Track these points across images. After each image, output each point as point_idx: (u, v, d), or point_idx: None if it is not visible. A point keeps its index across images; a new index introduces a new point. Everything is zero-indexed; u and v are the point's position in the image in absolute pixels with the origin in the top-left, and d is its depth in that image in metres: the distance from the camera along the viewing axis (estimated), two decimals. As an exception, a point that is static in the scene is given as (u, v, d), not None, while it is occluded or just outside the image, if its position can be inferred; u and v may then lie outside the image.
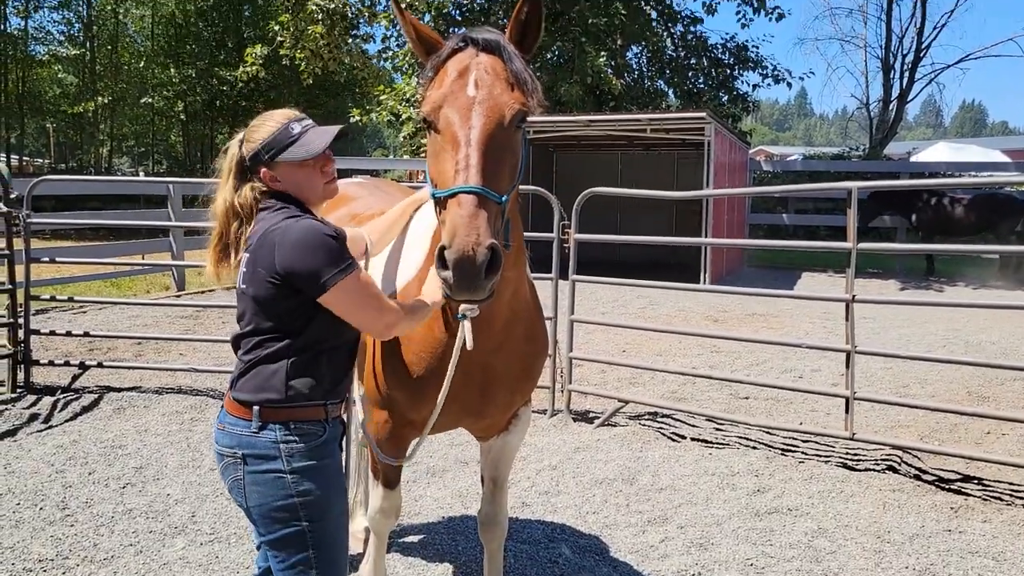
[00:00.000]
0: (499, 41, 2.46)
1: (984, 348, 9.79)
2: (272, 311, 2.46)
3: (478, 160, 2.24)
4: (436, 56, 2.50)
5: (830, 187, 6.48)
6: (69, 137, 42.81)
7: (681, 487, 5.34)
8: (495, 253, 2.14)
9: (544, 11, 2.59)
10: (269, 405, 2.46)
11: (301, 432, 2.48)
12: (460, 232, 2.12)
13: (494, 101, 2.35)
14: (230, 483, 2.53)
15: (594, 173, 18.28)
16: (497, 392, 2.99)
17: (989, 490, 5.36)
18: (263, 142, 2.55)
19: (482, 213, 2.16)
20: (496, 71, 2.41)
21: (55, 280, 11.90)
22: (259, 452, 2.45)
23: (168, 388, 7.39)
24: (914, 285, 16.11)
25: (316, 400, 2.52)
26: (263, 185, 2.59)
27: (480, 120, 2.30)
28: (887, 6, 32.06)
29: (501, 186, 2.29)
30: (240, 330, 2.56)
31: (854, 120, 45.02)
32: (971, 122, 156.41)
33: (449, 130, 2.33)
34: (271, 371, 2.47)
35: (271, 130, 2.56)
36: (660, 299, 13.17)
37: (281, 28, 22.46)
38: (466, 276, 2.12)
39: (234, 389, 2.54)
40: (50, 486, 5.11)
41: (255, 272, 2.46)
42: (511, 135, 2.38)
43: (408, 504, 4.81)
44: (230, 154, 2.65)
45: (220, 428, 2.55)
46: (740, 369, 8.59)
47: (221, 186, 2.64)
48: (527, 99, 2.42)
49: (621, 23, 20.97)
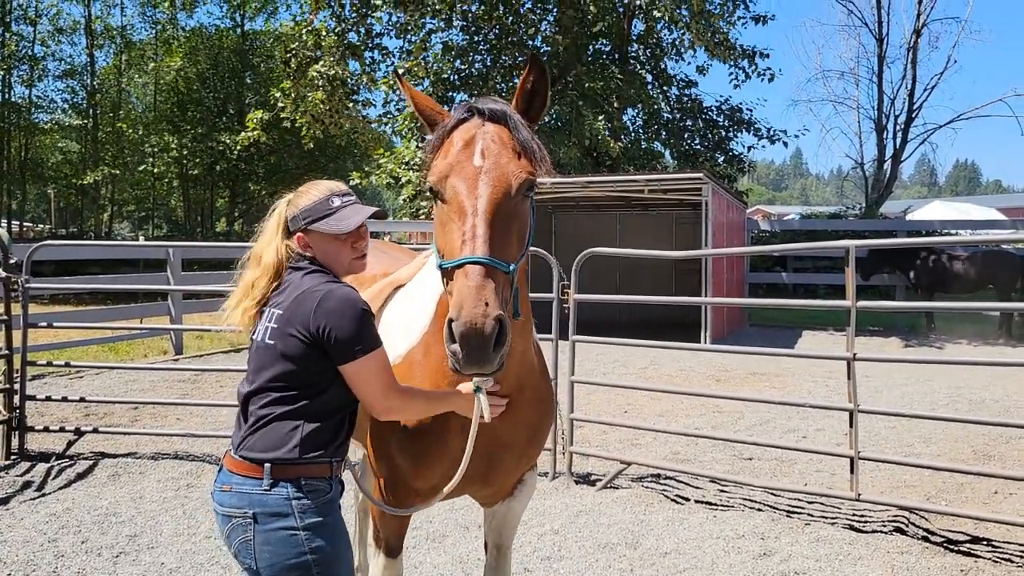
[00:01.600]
0: (505, 110, 2.46)
1: (988, 406, 9.71)
2: (296, 369, 2.50)
3: (485, 230, 2.23)
4: (442, 126, 2.50)
5: (828, 246, 6.49)
6: (70, 203, 43.14)
7: (686, 551, 5.24)
8: (503, 324, 2.11)
9: (550, 80, 2.61)
10: (281, 463, 2.46)
11: (311, 489, 2.49)
12: (467, 304, 2.10)
13: (501, 170, 2.34)
14: (237, 545, 2.49)
15: (593, 234, 18.38)
16: (504, 459, 2.93)
17: (999, 551, 5.26)
18: (303, 208, 2.67)
19: (489, 284, 2.14)
20: (502, 140, 2.41)
21: (53, 345, 11.86)
22: (271, 510, 2.44)
23: (164, 454, 7.31)
24: (915, 343, 16.07)
25: (324, 459, 2.53)
26: (297, 246, 2.69)
27: (487, 190, 2.30)
28: (878, 68, 32.59)
29: (509, 255, 2.28)
30: (255, 385, 2.56)
31: (849, 179, 45.36)
32: (965, 180, 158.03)
33: (456, 200, 2.32)
34: (287, 429, 2.49)
35: (313, 199, 2.68)
36: (661, 359, 13.13)
37: (282, 94, 22.82)
38: (474, 349, 2.09)
39: (242, 448, 2.52)
40: (42, 555, 5.01)
41: (286, 328, 2.51)
42: (519, 204, 2.37)
43: (408, 571, 4.71)
44: (278, 212, 2.76)
45: (225, 490, 2.52)
46: (743, 429, 8.51)
47: (268, 241, 2.73)
48: (534, 167, 2.41)
49: (617, 87, 21.31)
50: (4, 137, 35.84)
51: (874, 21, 32.55)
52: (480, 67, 23.47)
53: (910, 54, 31.37)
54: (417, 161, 21.61)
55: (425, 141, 2.61)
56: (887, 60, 32.69)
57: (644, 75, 24.46)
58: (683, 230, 19.77)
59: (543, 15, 23.25)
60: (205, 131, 36.97)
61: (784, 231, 23.58)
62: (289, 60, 22.67)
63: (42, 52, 37.11)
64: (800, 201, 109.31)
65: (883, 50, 32.37)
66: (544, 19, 23.41)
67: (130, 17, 47.73)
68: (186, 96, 38.40)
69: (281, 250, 2.69)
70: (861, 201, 33.57)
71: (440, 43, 23.07)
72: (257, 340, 2.60)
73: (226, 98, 39.07)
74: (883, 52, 32.36)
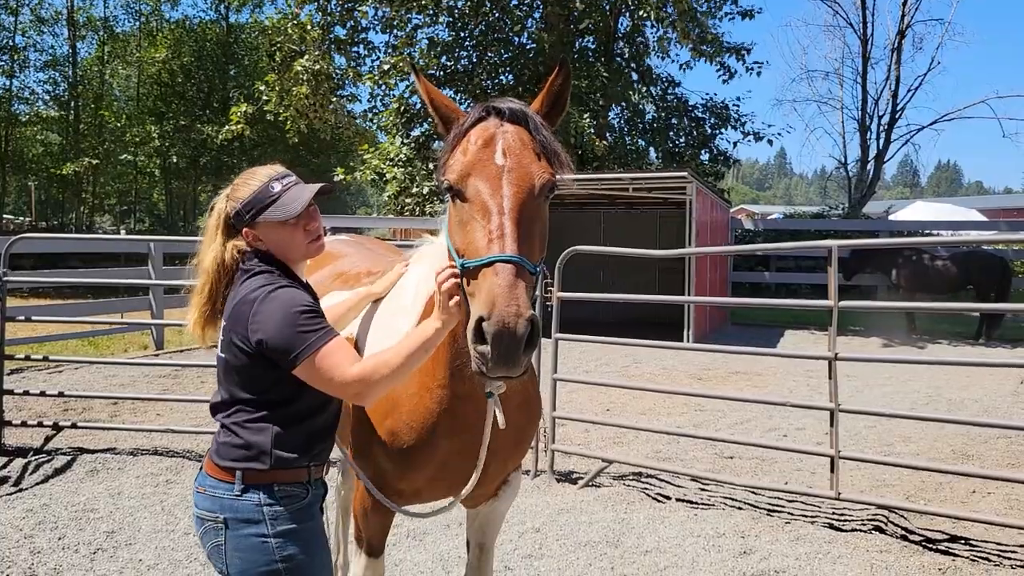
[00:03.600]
0: (524, 111, 2.42)
1: (966, 406, 9.79)
2: (250, 380, 2.42)
3: (513, 229, 2.17)
4: (459, 125, 2.44)
5: (811, 245, 6.51)
6: (52, 195, 42.78)
7: (666, 549, 5.24)
8: (535, 325, 2.05)
9: (571, 84, 2.57)
10: (253, 469, 2.40)
11: (284, 495, 2.42)
12: (500, 302, 2.02)
13: (524, 170, 2.29)
14: (210, 549, 2.44)
15: (577, 232, 18.33)
16: (491, 462, 2.86)
17: (976, 550, 5.30)
18: (244, 201, 2.50)
19: (520, 283, 2.07)
20: (523, 141, 2.36)
21: (31, 339, 11.76)
22: (242, 516, 2.38)
23: (143, 450, 7.25)
24: (896, 342, 16.18)
25: (300, 464, 2.46)
26: (245, 245, 2.54)
27: (512, 189, 2.24)
28: (862, 69, 32.74)
29: (534, 257, 2.23)
30: (220, 397, 2.50)
31: (833, 179, 45.63)
32: (947, 181, 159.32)
33: (479, 199, 2.25)
34: (254, 438, 2.40)
35: (252, 189, 2.51)
36: (644, 357, 13.16)
37: (267, 88, 22.70)
38: (506, 349, 2.01)
39: (215, 452, 2.47)
40: (18, 552, 4.96)
41: (230, 341, 2.42)
42: (540, 206, 2.33)
43: (389, 570, 4.69)
44: (216, 211, 2.61)
45: (200, 491, 2.47)
46: (724, 428, 8.53)
47: (208, 243, 2.60)
48: (555, 169, 2.37)
49: (603, 85, 21.31)
50: (-16, 128, 35.51)
51: (859, 22, 32.71)
52: (466, 63, 23.41)
53: (894, 55, 31.55)
54: (402, 157, 21.53)
55: (442, 140, 2.54)
56: (871, 61, 32.85)
57: (630, 73, 24.46)
58: (667, 229, 19.80)
59: (529, 11, 23.20)
60: (188, 122, 36.73)
61: (767, 231, 23.67)
62: (274, 54, 22.57)
63: (23, 42, 36.76)
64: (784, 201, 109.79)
65: (867, 51, 32.52)
66: (530, 15, 23.38)
67: (113, 8, 47.25)
68: (169, 88, 38.14)
69: (225, 252, 2.55)
70: (844, 201, 33.75)
71: (426, 39, 22.99)
72: (217, 352, 2.52)
73: (210, 91, 38.86)
74: (867, 53, 32.51)
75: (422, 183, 20.96)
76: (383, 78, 21.81)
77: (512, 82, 23.66)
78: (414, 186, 21.06)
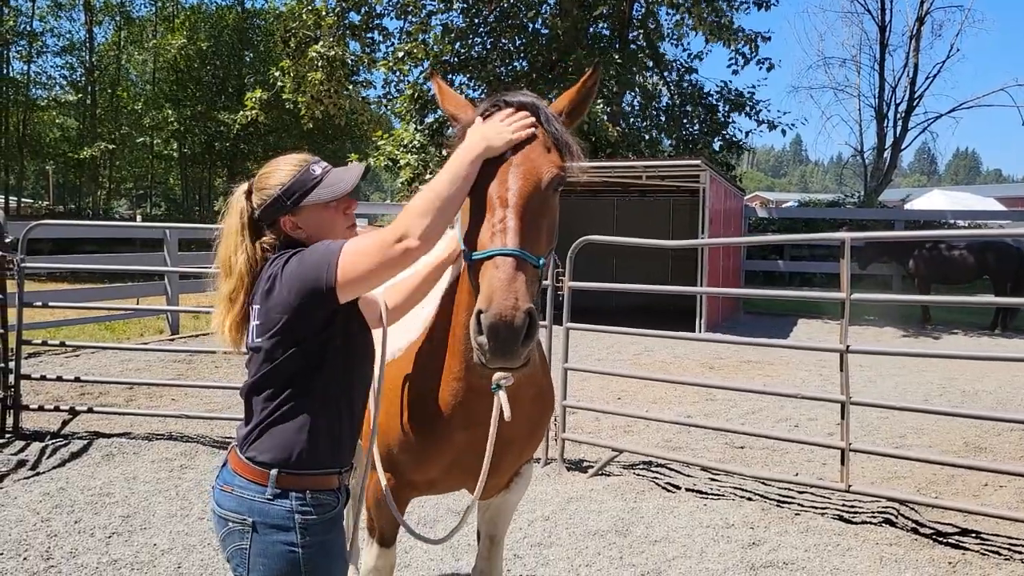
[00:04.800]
0: (535, 103, 2.41)
1: (980, 397, 9.75)
2: (288, 361, 2.32)
3: (516, 223, 2.18)
4: (468, 119, 2.45)
5: (825, 237, 6.48)
6: (69, 180, 43.02)
7: (675, 539, 5.27)
8: (532, 318, 2.08)
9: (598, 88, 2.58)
10: (288, 471, 2.30)
11: (317, 503, 2.34)
12: (497, 295, 2.05)
13: (531, 163, 2.30)
14: (232, 551, 2.34)
15: (589, 219, 18.36)
16: (504, 455, 2.87)
17: (987, 544, 5.29)
18: (283, 187, 2.41)
19: (520, 276, 2.10)
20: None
21: (48, 323, 11.87)
22: (272, 522, 2.29)
23: (158, 434, 7.32)
24: (910, 333, 16.10)
25: (332, 466, 2.40)
26: (274, 239, 2.48)
27: (517, 182, 2.25)
28: (880, 56, 32.47)
29: (538, 249, 2.24)
30: (254, 382, 2.39)
31: (849, 167, 45.31)
32: (965, 169, 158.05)
33: (486, 192, 2.27)
34: (292, 430, 2.32)
35: (290, 174, 2.43)
36: (655, 346, 13.16)
37: (282, 73, 22.71)
38: (503, 341, 2.04)
39: (248, 447, 2.36)
40: (35, 535, 5.03)
41: (266, 320, 2.33)
42: (548, 198, 2.33)
43: (399, 556, 4.72)
44: (238, 208, 2.50)
45: (226, 490, 2.36)
46: (735, 417, 8.54)
47: (233, 244, 2.47)
48: (565, 162, 2.37)
49: (617, 72, 21.21)
50: (2, 113, 35.70)
51: (877, 8, 32.43)
52: (480, 50, 23.36)
53: (912, 42, 31.29)
54: (416, 144, 21.52)
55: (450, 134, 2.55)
56: (889, 48, 32.57)
57: (645, 60, 24.33)
58: (680, 215, 19.75)
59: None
60: (204, 108, 36.82)
61: (782, 219, 23.55)
62: (288, 40, 22.57)
63: (41, 28, 36.91)
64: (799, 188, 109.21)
65: (885, 37, 32.25)
66: (545, 2, 23.29)
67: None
68: (185, 74, 38.22)
69: (253, 252, 2.46)
70: (860, 189, 33.53)
71: (440, 25, 22.95)
72: (250, 344, 2.43)
73: (225, 76, 38.90)
74: (885, 39, 32.23)
75: (436, 169, 20.93)
76: (397, 64, 21.81)
77: (526, 68, 23.60)
78: (428, 172, 21.06)
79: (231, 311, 2.46)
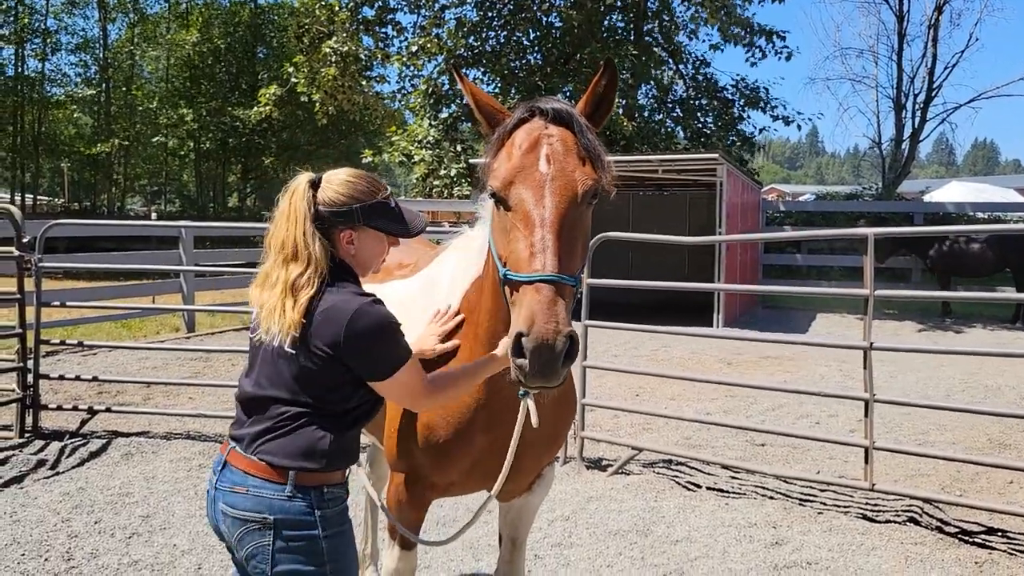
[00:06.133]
0: (570, 112, 2.37)
1: (1003, 392, 9.64)
2: (319, 385, 2.38)
3: (554, 243, 2.17)
4: (502, 127, 2.40)
5: (847, 233, 6.42)
6: (84, 177, 43.29)
7: (697, 539, 5.21)
8: (573, 341, 2.09)
9: (618, 84, 2.52)
10: (305, 471, 2.36)
11: (332, 496, 2.42)
12: (539, 320, 2.05)
13: (567, 178, 2.26)
14: (252, 550, 2.35)
15: (606, 214, 18.18)
16: (525, 458, 2.86)
17: (1014, 543, 5.21)
18: (358, 202, 2.44)
19: (560, 300, 2.10)
20: (567, 145, 2.32)
21: (66, 321, 11.92)
22: (294, 518, 2.34)
23: (176, 433, 7.33)
24: (930, 326, 15.96)
25: (345, 464, 2.48)
26: (344, 242, 2.48)
27: (554, 200, 2.22)
28: (898, 47, 32.08)
29: (574, 267, 2.23)
30: (272, 391, 2.40)
31: (866, 159, 45.00)
32: (983, 160, 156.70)
33: (522, 208, 2.24)
34: (316, 437, 2.38)
35: (363, 190, 2.46)
36: (673, 342, 13.08)
37: (295, 69, 22.72)
38: (544, 364, 2.06)
39: (260, 450, 2.38)
40: (55, 536, 5.03)
41: (312, 341, 2.34)
42: (583, 212, 2.31)
43: (419, 558, 4.70)
44: (301, 192, 2.44)
45: (239, 491, 2.37)
46: (756, 414, 8.46)
47: (307, 230, 2.40)
48: (599, 174, 2.33)
49: (632, 64, 21.08)
50: (18, 111, 35.92)
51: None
52: (494, 44, 23.27)
53: (931, 32, 30.83)
54: (430, 139, 21.49)
55: (484, 143, 2.51)
56: (907, 38, 32.14)
57: (660, 53, 24.19)
58: (697, 210, 19.64)
59: (558, -10, 23.02)
60: (218, 105, 36.93)
61: (799, 212, 23.37)
62: (302, 35, 22.57)
63: (55, 25, 37.13)
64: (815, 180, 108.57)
65: (903, 27, 31.82)
66: (559, -6, 23.19)
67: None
68: (199, 71, 38.33)
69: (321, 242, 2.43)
70: (878, 181, 33.22)
71: (454, 19, 22.87)
72: (275, 344, 2.38)
73: (239, 72, 38.99)
74: (903, 30, 31.81)
75: (450, 165, 20.94)
76: (411, 59, 21.76)
77: (540, 62, 23.50)
78: (442, 168, 21.05)
79: (295, 298, 2.35)
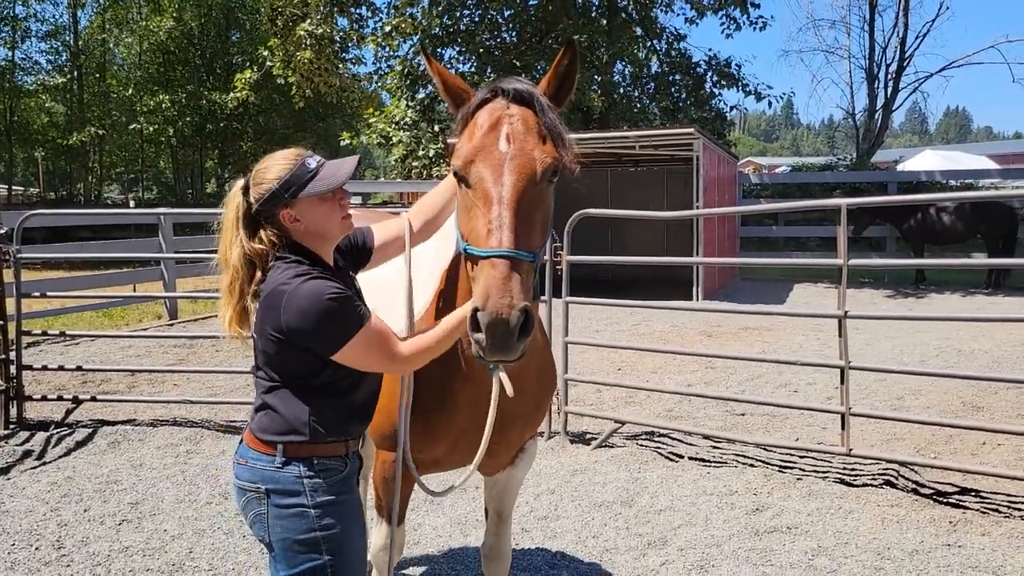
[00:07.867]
0: (531, 91, 2.42)
1: (976, 357, 9.82)
2: (285, 364, 2.47)
3: (511, 220, 2.22)
4: (466, 107, 2.46)
5: (821, 204, 6.51)
6: (59, 166, 42.75)
7: (680, 508, 5.33)
8: (528, 315, 2.15)
9: (578, 64, 2.57)
10: (293, 444, 2.47)
11: (323, 467, 2.50)
12: (494, 295, 2.11)
13: (526, 156, 2.32)
14: (252, 517, 2.52)
15: (584, 191, 18.30)
16: (509, 432, 2.95)
17: (987, 502, 5.37)
18: (281, 181, 2.48)
19: (515, 276, 2.15)
20: (527, 124, 2.38)
21: (47, 312, 11.87)
22: (283, 487, 2.46)
23: (162, 420, 7.36)
24: (905, 293, 16.18)
25: (338, 437, 2.54)
26: (272, 235, 2.54)
27: (512, 177, 2.27)
28: (869, 17, 32.29)
29: (533, 243, 2.28)
30: (259, 371, 2.56)
31: (840, 130, 45.22)
32: (956, 128, 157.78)
33: (481, 186, 2.29)
34: (294, 414, 2.47)
35: (286, 167, 2.50)
36: (653, 316, 13.20)
37: (271, 53, 22.50)
38: (499, 338, 2.12)
39: (254, 424, 2.54)
40: (45, 525, 5.07)
41: (262, 328, 2.46)
42: (544, 190, 2.36)
43: (408, 533, 4.78)
44: (235, 203, 2.56)
45: (241, 463, 2.54)
46: (735, 384, 8.60)
47: (229, 238, 2.56)
48: (559, 152, 2.38)
49: (606, 41, 21.05)
50: (-12, 100, 35.39)
51: (866, -33, 32.15)
52: (468, 22, 23.13)
53: (902, 1, 31.04)
54: (408, 120, 21.39)
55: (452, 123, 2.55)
56: (879, 8, 32.36)
57: (634, 28, 24.14)
58: (675, 185, 19.72)
59: (531, -34, 22.89)
60: (193, 90, 36.52)
61: (775, 184, 23.52)
62: (276, 18, 22.32)
63: (24, 12, 36.49)
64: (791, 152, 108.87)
65: (875, -3, 32.01)
66: (532, -30, 23.06)
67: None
68: (174, 55, 37.86)
69: (249, 244, 2.53)
70: (852, 151, 33.46)
71: (427, -2, 22.69)
72: (253, 332, 2.55)
73: (213, 57, 38.55)
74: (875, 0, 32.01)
75: (428, 146, 20.88)
76: (386, 40, 21.60)
77: (515, 40, 23.41)
78: (420, 149, 20.97)
79: (231, 303, 2.56)
